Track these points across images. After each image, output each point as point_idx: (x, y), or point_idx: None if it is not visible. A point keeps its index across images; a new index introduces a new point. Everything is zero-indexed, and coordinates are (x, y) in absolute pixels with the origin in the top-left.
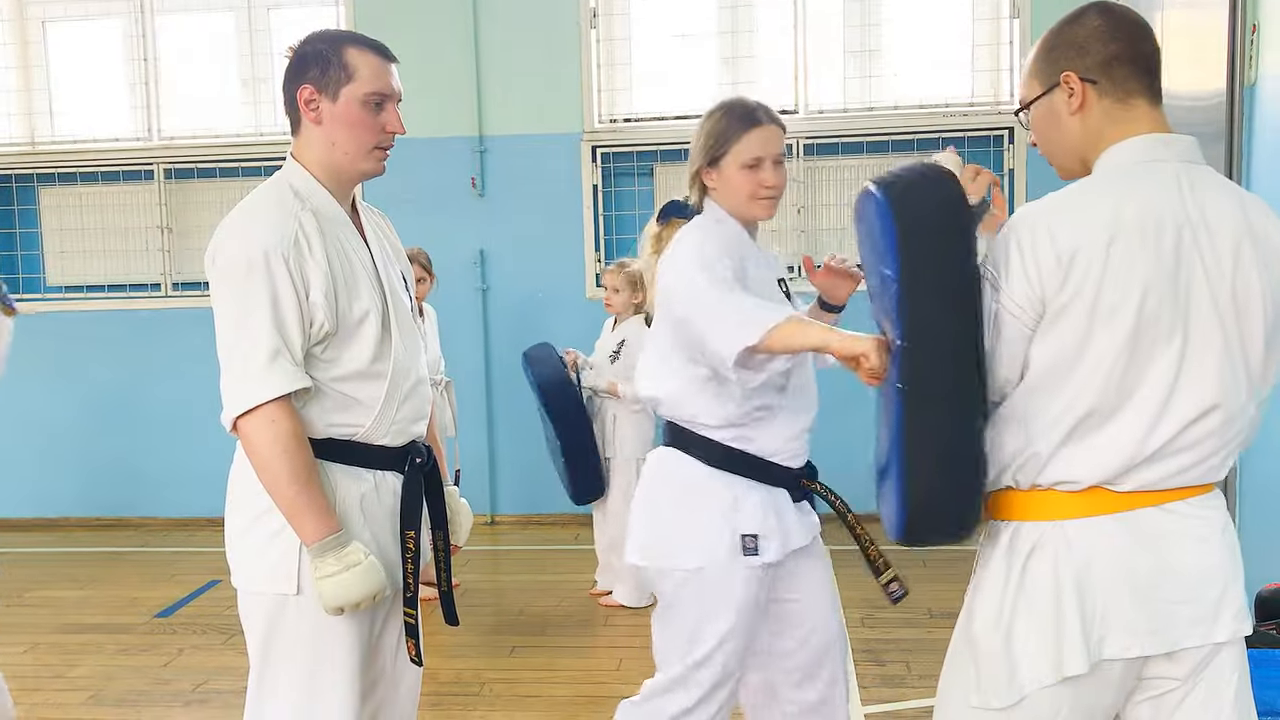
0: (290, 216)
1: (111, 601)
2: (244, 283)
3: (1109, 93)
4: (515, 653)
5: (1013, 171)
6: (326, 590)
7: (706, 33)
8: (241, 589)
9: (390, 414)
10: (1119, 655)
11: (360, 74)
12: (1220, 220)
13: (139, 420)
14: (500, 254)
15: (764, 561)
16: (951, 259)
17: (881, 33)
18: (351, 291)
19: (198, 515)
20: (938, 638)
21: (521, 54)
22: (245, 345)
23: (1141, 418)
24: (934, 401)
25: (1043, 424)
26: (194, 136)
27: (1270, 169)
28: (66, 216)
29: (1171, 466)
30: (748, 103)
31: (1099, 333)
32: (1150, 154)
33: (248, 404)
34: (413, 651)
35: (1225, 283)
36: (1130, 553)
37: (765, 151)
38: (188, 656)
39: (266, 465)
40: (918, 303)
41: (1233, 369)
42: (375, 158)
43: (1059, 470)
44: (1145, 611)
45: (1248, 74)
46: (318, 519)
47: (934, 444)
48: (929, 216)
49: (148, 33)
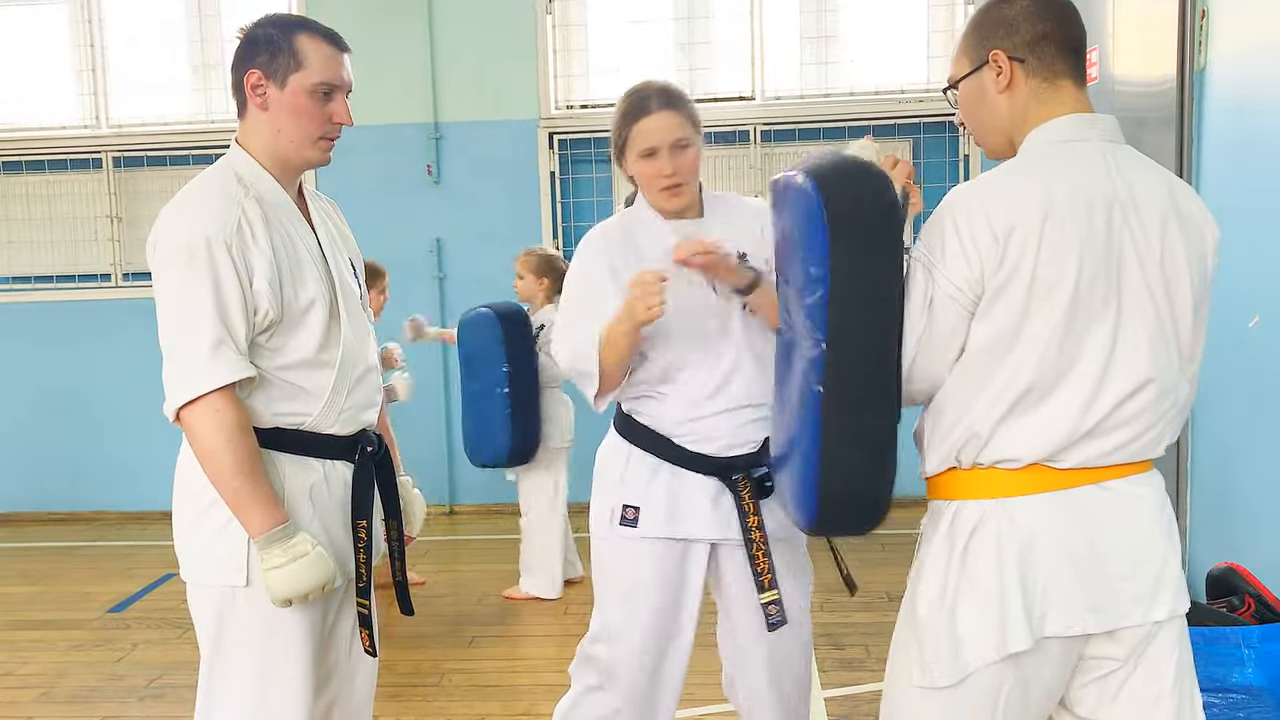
0: (233, 203)
1: (64, 597)
2: (186, 271)
3: (1036, 72)
4: (475, 643)
5: (968, 158)
6: (274, 582)
7: (663, 18)
8: (191, 582)
9: (339, 402)
10: (1061, 633)
11: (310, 63)
12: (1147, 198)
13: (90, 413)
14: (457, 242)
15: (640, 535)
16: (883, 264)
17: (838, 19)
18: (297, 279)
19: (150, 509)
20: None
21: (477, 40)
22: (187, 334)
23: (1078, 393)
24: (853, 403)
25: (983, 404)
26: (143, 124)
27: (1220, 153)
28: (13, 206)
29: (1109, 443)
30: (646, 89)
31: (1036, 309)
32: (1076, 133)
33: (190, 394)
34: (367, 643)
35: (1154, 259)
36: (1071, 530)
37: (658, 139)
38: (141, 651)
39: (210, 456)
40: (845, 308)
41: (1165, 344)
42: (320, 148)
43: (999, 448)
44: (1087, 588)
45: (1198, 59)
46: (264, 510)
47: (851, 444)
48: (864, 220)
49: (94, 17)
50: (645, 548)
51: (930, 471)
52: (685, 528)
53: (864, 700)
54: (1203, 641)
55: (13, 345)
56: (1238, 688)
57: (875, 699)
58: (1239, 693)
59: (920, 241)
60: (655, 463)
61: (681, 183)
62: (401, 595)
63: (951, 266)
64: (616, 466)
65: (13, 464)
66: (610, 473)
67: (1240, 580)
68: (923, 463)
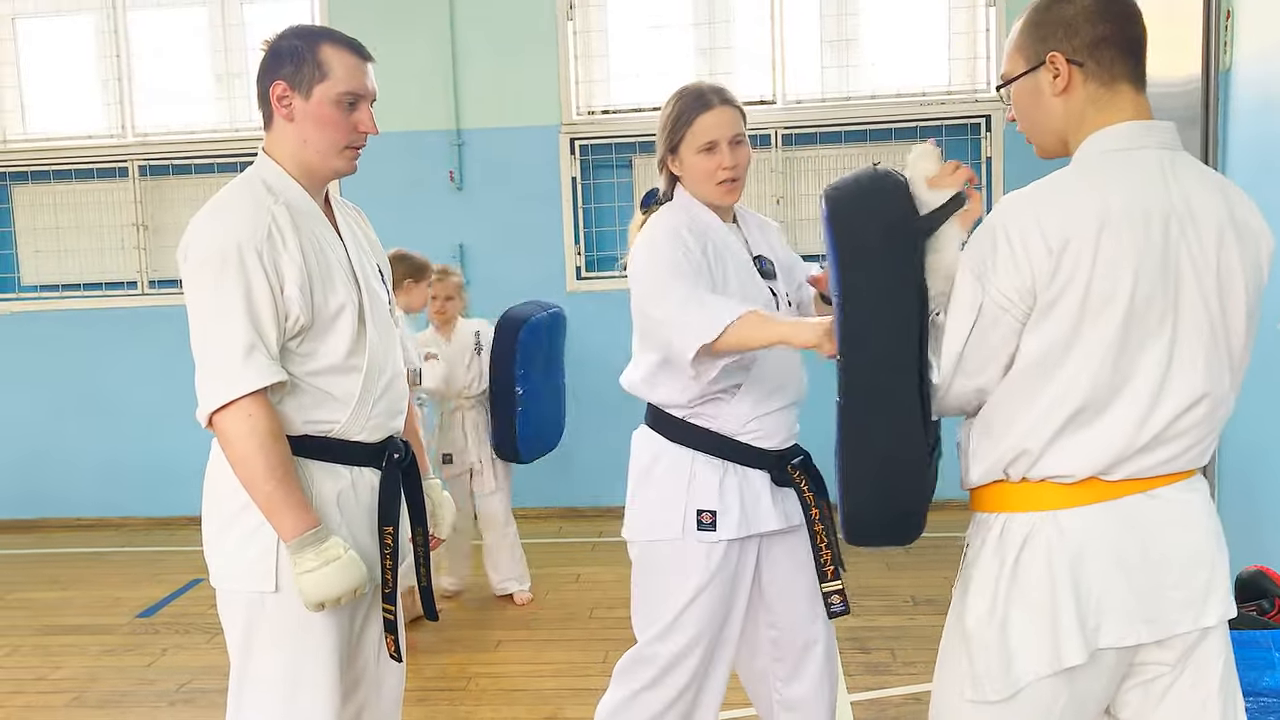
0: (263, 210)
1: (93, 602)
2: (218, 277)
3: (1095, 76)
4: (500, 647)
5: (990, 160)
6: (306, 586)
7: (683, 24)
8: (220, 587)
9: (366, 409)
10: (1116, 644)
11: (334, 73)
12: (1204, 208)
13: (117, 419)
14: (479, 247)
15: (720, 538)
16: (889, 282)
17: (858, 22)
18: (327, 285)
19: (179, 514)
20: (921, 624)
21: (498, 46)
22: (220, 340)
23: (1134, 409)
24: (868, 415)
25: (1031, 420)
26: (168, 132)
27: (1244, 153)
28: (41, 215)
29: (1162, 455)
30: (701, 86)
31: (1089, 324)
32: (1133, 141)
33: (223, 399)
34: (392, 648)
35: (1210, 272)
36: (1121, 540)
37: (719, 134)
38: (171, 656)
39: (243, 460)
40: (856, 325)
41: (1219, 357)
42: (346, 157)
43: (1051, 465)
44: (1139, 598)
45: (1222, 59)
46: (295, 514)
47: (869, 457)
48: (871, 240)
49: (120, 28)
50: (720, 549)
51: (974, 483)
52: (758, 524)
53: (891, 704)
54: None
55: (41, 352)
56: (1269, 691)
57: (902, 703)
58: (1270, 696)
59: (970, 250)
60: (721, 465)
61: (738, 177)
62: (426, 601)
63: (1003, 276)
64: (680, 474)
65: (41, 470)
66: (672, 481)
67: (1270, 583)
68: (965, 473)
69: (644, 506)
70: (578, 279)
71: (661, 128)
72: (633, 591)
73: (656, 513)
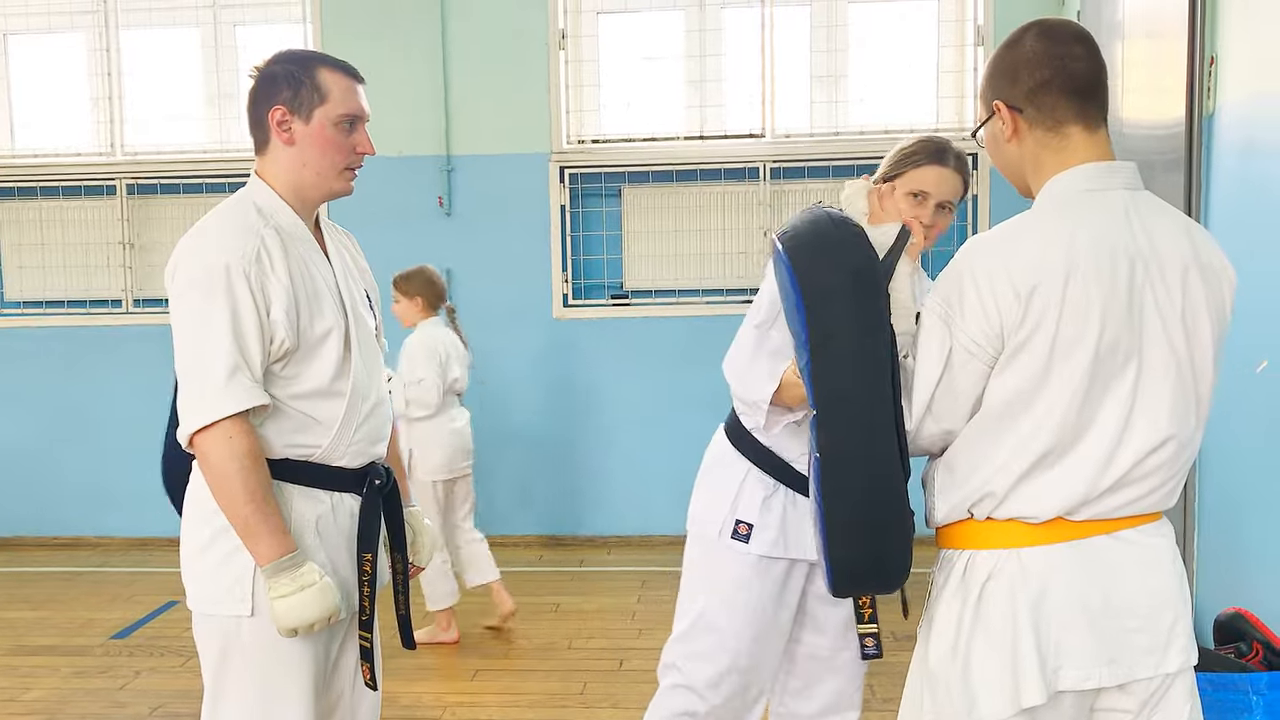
0: (252, 233)
1: (67, 623)
2: (204, 298)
3: (1038, 121)
4: (477, 676)
5: (977, 197)
6: (280, 611)
7: (674, 56)
8: (196, 610)
9: (348, 434)
10: (1075, 686)
11: (333, 95)
12: (1168, 249)
13: (96, 438)
14: (468, 273)
15: (750, 552)
16: (861, 330)
17: (848, 58)
18: (314, 309)
19: (155, 535)
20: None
21: (490, 74)
22: (204, 360)
23: (1098, 451)
24: (849, 465)
25: (998, 462)
26: (157, 152)
27: (1227, 197)
28: (26, 231)
29: (1127, 496)
30: (944, 143)
31: (1057, 368)
32: (1095, 182)
33: (205, 419)
34: (368, 676)
35: (1176, 313)
36: (1085, 581)
37: (936, 191)
38: (144, 679)
39: (222, 482)
40: (828, 374)
41: (1184, 399)
42: (345, 178)
43: (1017, 506)
44: (1101, 640)
45: (1206, 104)
46: (272, 539)
47: (854, 509)
48: (838, 290)
49: (111, 47)
50: (752, 562)
51: (939, 521)
52: (797, 549)
53: None
54: (1210, 688)
55: (23, 369)
56: None
57: None
58: None
59: (936, 293)
60: (773, 484)
61: (929, 239)
62: (404, 629)
63: (971, 321)
64: (733, 480)
65: (18, 488)
66: (725, 485)
67: (1248, 626)
68: (930, 511)
69: (698, 499)
70: (565, 306)
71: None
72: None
73: (704, 510)
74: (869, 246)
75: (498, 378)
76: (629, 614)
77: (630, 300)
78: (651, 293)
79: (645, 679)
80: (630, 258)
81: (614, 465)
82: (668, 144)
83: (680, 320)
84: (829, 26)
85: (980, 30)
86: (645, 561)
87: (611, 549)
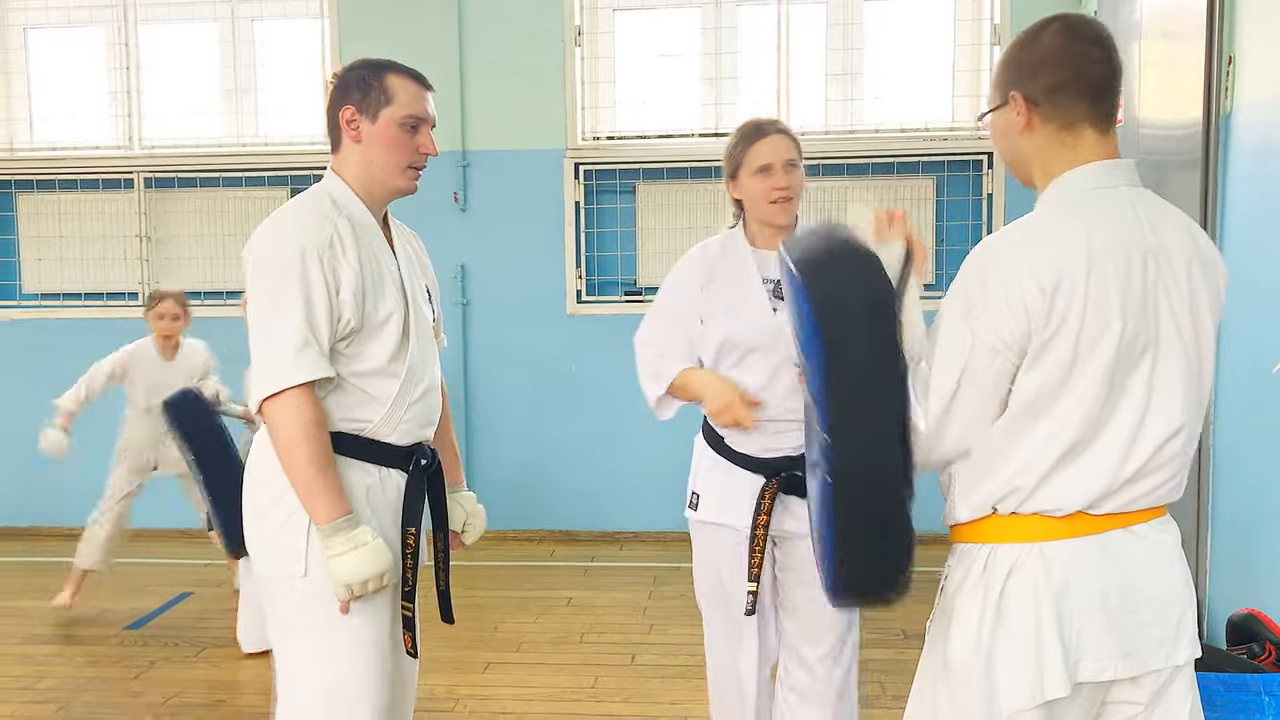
0: (327, 221)
1: (81, 613)
2: (280, 279)
3: (1053, 118)
4: (489, 669)
5: (991, 196)
6: (335, 568)
7: (690, 53)
8: (259, 574)
9: (399, 413)
10: (1094, 678)
11: (399, 98)
12: (1174, 243)
13: (112, 430)
14: (481, 268)
15: (698, 518)
16: (876, 359)
17: (864, 56)
18: (378, 294)
19: (169, 526)
20: (911, 658)
21: (506, 70)
22: (277, 334)
23: (1118, 443)
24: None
25: (1023, 458)
26: (175, 146)
27: (1244, 197)
28: (44, 224)
29: (1145, 487)
30: (757, 119)
31: (1081, 363)
32: (1102, 180)
33: (275, 387)
34: (409, 644)
35: (1185, 306)
36: (1105, 575)
37: (773, 158)
38: (159, 669)
39: (288, 447)
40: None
41: (1193, 390)
42: (409, 176)
43: (1043, 501)
44: (1118, 633)
45: (1223, 105)
46: (331, 501)
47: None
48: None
49: (130, 41)
50: (703, 530)
51: (960, 520)
52: (729, 516)
53: None
54: (1223, 688)
55: (40, 361)
56: None
57: None
58: None
59: (955, 294)
60: (714, 457)
61: (791, 196)
62: (443, 603)
63: (997, 320)
64: (697, 457)
65: (34, 478)
66: (693, 465)
67: (1261, 627)
68: (950, 510)
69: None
70: (578, 302)
71: (727, 156)
72: None
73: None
74: (881, 267)
75: (511, 372)
76: (640, 609)
77: (643, 297)
78: None
79: (656, 674)
80: (644, 254)
81: (625, 461)
82: (682, 141)
83: None
84: (844, 24)
85: (996, 29)
86: (657, 558)
87: (623, 545)
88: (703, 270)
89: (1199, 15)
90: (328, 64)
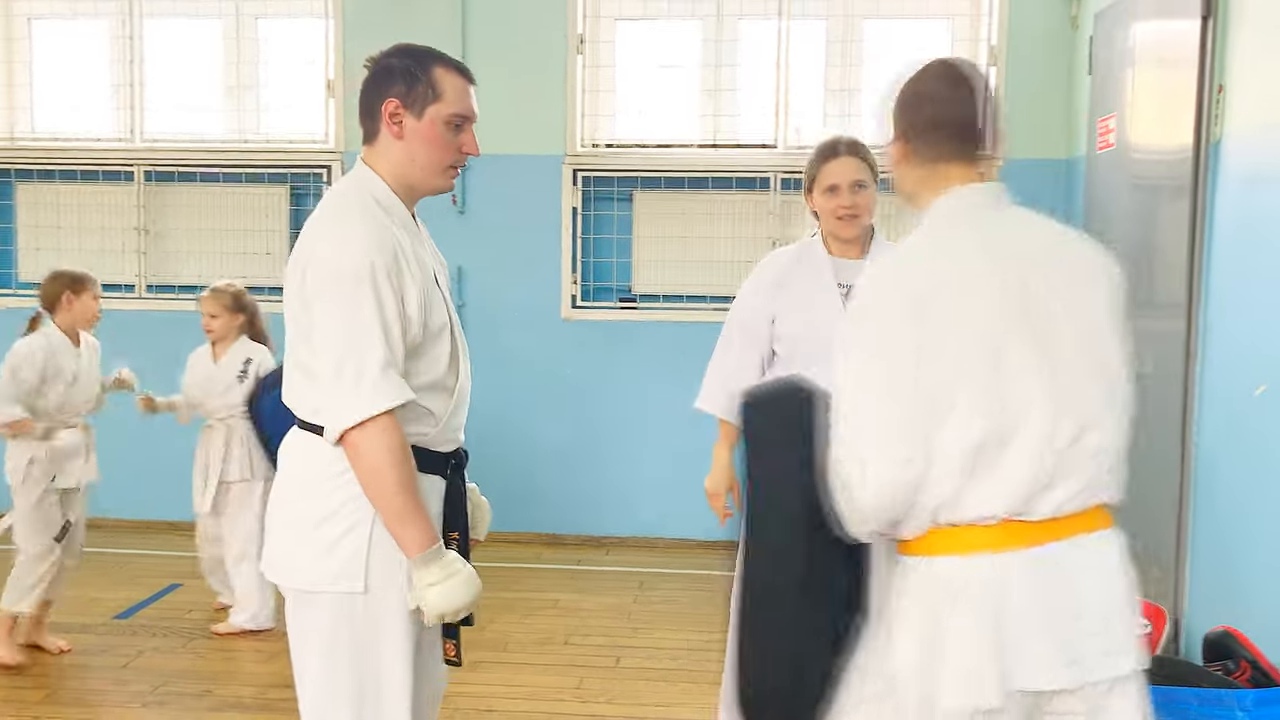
0: (386, 230)
1: (71, 602)
2: (353, 294)
3: (921, 154)
4: (477, 668)
5: None
6: (431, 598)
7: (691, 64)
8: (299, 589)
9: (451, 423)
10: (1035, 687)
11: (446, 95)
12: (1050, 252)
13: (105, 421)
14: (479, 271)
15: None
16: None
17: (862, 73)
18: (432, 303)
19: (159, 518)
20: None
21: (508, 75)
22: (356, 356)
23: (1028, 446)
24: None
25: (942, 465)
26: (176, 140)
27: (1232, 223)
28: (43, 213)
29: (1069, 489)
30: (833, 139)
31: (967, 370)
32: (973, 200)
33: (363, 415)
34: (452, 652)
35: (1074, 309)
36: (1046, 586)
37: (840, 179)
38: (147, 658)
39: (375, 475)
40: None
41: (1103, 387)
42: (449, 175)
43: (970, 507)
44: (1060, 643)
45: (1213, 131)
46: (421, 529)
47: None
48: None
49: (135, 34)
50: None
51: (906, 537)
52: None
53: None
54: (1198, 703)
55: None
56: None
57: None
58: None
59: (852, 333)
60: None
61: (857, 214)
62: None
63: (889, 343)
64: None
65: None
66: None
67: (1237, 645)
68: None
69: None
70: (573, 307)
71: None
72: None
73: None
74: (804, 399)
75: (504, 375)
76: (626, 613)
77: (638, 304)
78: (659, 297)
79: (641, 676)
80: (639, 262)
81: (615, 467)
82: (681, 151)
83: (686, 325)
84: (844, 42)
85: (994, 50)
86: (644, 563)
87: (610, 549)
88: (771, 275)
89: (1191, 44)
90: (330, 64)
